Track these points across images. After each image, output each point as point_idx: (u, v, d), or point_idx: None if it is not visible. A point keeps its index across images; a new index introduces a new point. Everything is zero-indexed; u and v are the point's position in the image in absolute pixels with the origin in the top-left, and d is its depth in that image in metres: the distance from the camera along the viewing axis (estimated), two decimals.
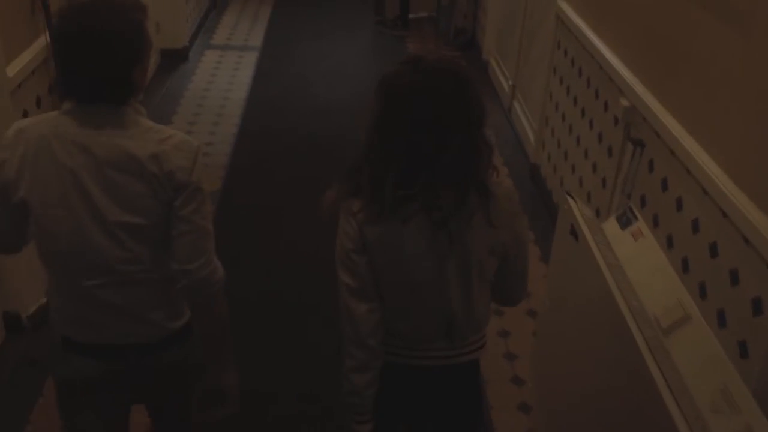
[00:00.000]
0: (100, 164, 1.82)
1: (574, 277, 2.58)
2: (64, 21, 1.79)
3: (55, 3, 3.57)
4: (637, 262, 2.35)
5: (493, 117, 6.13)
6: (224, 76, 6.67)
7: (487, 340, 2.13)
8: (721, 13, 2.66)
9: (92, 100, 1.83)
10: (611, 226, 2.54)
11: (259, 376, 3.21)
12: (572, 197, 2.68)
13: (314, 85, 6.51)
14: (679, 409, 1.82)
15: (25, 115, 3.36)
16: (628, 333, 2.06)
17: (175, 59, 6.67)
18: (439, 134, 1.76)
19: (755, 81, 2.38)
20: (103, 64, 1.78)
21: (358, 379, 1.93)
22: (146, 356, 2.03)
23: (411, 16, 8.16)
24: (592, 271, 2.35)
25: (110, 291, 1.93)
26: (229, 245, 4.12)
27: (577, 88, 4.27)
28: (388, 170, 1.79)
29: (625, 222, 2.52)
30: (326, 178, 2.05)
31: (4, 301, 3.40)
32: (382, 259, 1.88)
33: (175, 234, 1.88)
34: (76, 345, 2.02)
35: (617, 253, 2.38)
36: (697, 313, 2.22)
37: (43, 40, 3.53)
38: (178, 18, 6.70)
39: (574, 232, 2.55)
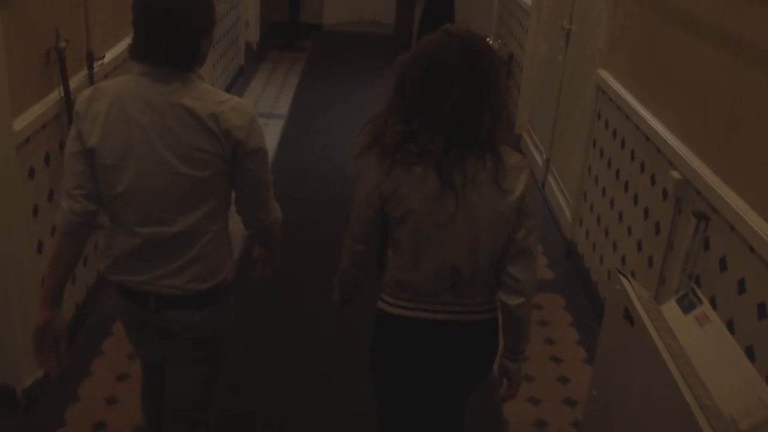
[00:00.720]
0: (166, 120, 2.06)
1: (629, 365, 2.28)
2: None
3: (71, 55, 3.40)
4: (704, 351, 2.05)
5: None
6: None
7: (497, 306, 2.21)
8: None
9: (166, 63, 2.07)
10: (671, 309, 2.25)
11: None
12: (624, 276, 2.40)
13: (340, 154, 6.32)
14: None
15: (32, 172, 3.16)
16: None
17: None
18: (442, 87, 1.96)
19: None
20: (179, 32, 2.05)
21: (344, 287, 2.36)
22: (164, 309, 2.22)
23: None
24: (652, 360, 2.05)
25: (159, 240, 2.15)
26: (250, 311, 3.92)
27: (619, 160, 4.02)
28: (397, 121, 2.02)
29: (687, 305, 2.23)
30: None
31: None
32: (396, 212, 2.06)
33: (243, 190, 2.20)
34: (114, 284, 2.27)
35: (681, 340, 2.09)
36: None
37: (56, 94, 3.34)
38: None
39: (629, 316, 2.26)
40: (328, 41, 10.25)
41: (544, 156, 5.78)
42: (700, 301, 2.23)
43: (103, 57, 3.76)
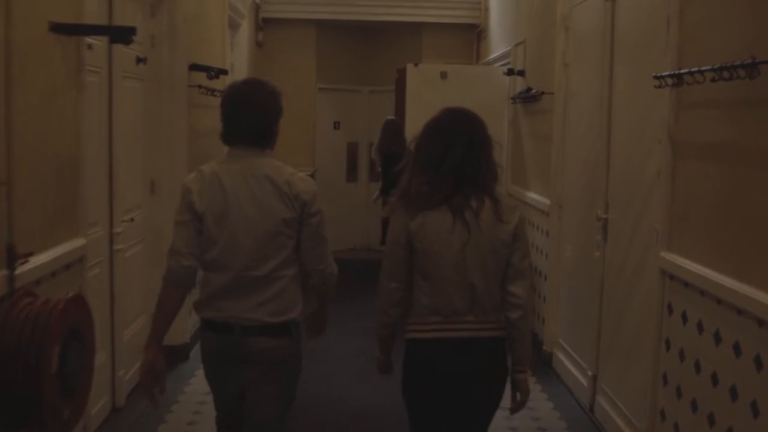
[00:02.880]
0: (251, 187, 2.84)
1: None
2: (235, 91, 2.93)
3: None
4: None
5: (568, 419, 4.66)
6: None
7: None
8: None
9: (247, 144, 2.88)
10: None
11: None
12: None
13: (338, 387, 5.31)
14: None
15: None
16: None
17: (173, 358, 5.48)
18: (448, 144, 2.74)
19: None
20: (258, 118, 2.88)
21: (383, 331, 2.92)
22: (247, 337, 2.85)
23: None
24: None
25: (246, 282, 2.83)
26: None
27: (713, 360, 3.04)
28: (416, 176, 2.77)
29: None
30: None
31: None
32: (422, 245, 2.73)
33: (308, 245, 2.88)
34: (206, 322, 2.93)
35: None
36: None
37: None
38: (181, 312, 5.63)
39: None
40: None
41: (589, 374, 4.75)
42: None
43: (30, 255, 2.88)
